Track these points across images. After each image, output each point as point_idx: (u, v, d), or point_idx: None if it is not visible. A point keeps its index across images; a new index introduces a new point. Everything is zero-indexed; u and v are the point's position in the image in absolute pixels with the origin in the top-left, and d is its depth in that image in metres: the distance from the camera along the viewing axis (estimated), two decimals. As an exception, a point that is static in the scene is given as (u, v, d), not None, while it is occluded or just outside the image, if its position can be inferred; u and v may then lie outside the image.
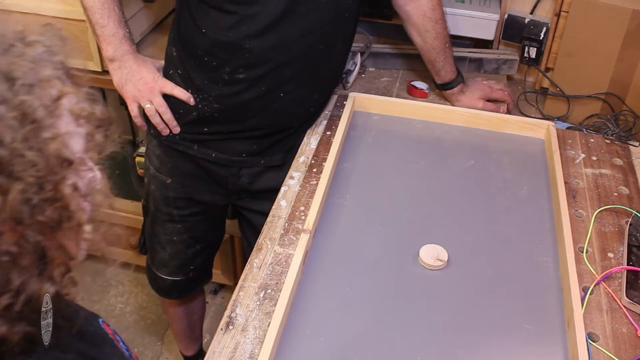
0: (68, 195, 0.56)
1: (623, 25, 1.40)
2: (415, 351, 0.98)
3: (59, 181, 0.55)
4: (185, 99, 1.33)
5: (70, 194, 0.56)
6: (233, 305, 1.04)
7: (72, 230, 0.58)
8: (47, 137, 0.55)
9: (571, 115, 1.55)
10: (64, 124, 0.57)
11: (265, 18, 1.21)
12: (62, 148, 0.55)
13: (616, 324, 1.02)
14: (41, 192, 0.54)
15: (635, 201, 1.26)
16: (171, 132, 1.37)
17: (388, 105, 1.48)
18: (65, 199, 0.56)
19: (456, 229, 1.19)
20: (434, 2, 1.40)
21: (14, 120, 0.53)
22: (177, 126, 1.36)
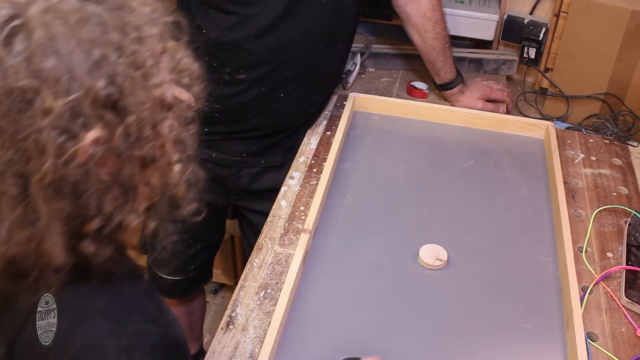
0: (165, 135, 0.63)
1: (622, 26, 1.40)
2: (414, 350, 0.98)
3: (159, 122, 0.62)
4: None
5: (167, 134, 0.63)
6: (233, 304, 1.04)
7: (162, 168, 0.64)
8: (152, 83, 0.61)
9: (570, 115, 1.55)
10: (167, 74, 0.64)
11: (266, 18, 1.22)
12: (165, 94, 0.62)
13: (615, 324, 1.02)
14: (143, 130, 0.61)
15: (634, 201, 1.26)
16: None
17: (388, 106, 1.48)
18: (162, 138, 0.63)
19: (456, 228, 1.19)
20: (434, 2, 1.40)
21: (126, 66, 0.59)
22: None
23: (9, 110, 0.56)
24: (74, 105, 0.56)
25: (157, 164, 0.64)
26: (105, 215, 0.62)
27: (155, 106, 0.62)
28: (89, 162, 0.59)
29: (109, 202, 0.61)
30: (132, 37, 0.61)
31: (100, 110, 0.58)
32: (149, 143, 0.62)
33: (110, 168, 0.61)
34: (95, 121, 0.58)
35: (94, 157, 0.59)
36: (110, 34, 0.60)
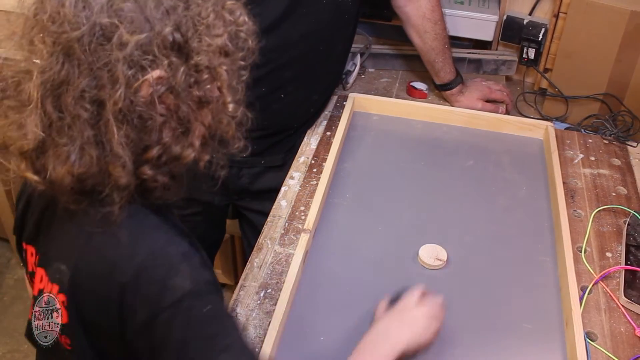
0: (223, 78, 0.70)
1: (621, 27, 1.40)
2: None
3: (217, 66, 0.69)
4: None
5: (224, 77, 0.70)
6: (234, 304, 1.04)
7: (216, 108, 0.72)
8: (214, 34, 0.69)
9: (570, 115, 1.55)
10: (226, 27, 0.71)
11: (266, 19, 1.21)
12: (225, 43, 0.70)
13: (614, 323, 1.02)
14: (202, 73, 0.68)
15: (633, 201, 1.26)
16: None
17: (388, 106, 1.48)
18: (219, 80, 0.70)
19: (455, 228, 1.19)
20: (433, 3, 1.40)
21: (191, 17, 0.67)
22: None
23: (90, 42, 0.63)
24: (145, 43, 0.64)
25: (213, 104, 0.71)
26: (164, 145, 0.68)
27: (215, 53, 0.69)
28: (153, 96, 0.66)
29: (167, 134, 0.68)
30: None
31: (166, 52, 0.65)
32: (207, 85, 0.69)
33: (170, 104, 0.68)
34: (162, 60, 0.65)
35: (157, 92, 0.66)
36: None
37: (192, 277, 0.69)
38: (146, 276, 0.68)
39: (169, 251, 0.70)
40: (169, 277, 0.68)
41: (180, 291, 0.68)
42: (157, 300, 0.68)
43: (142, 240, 0.70)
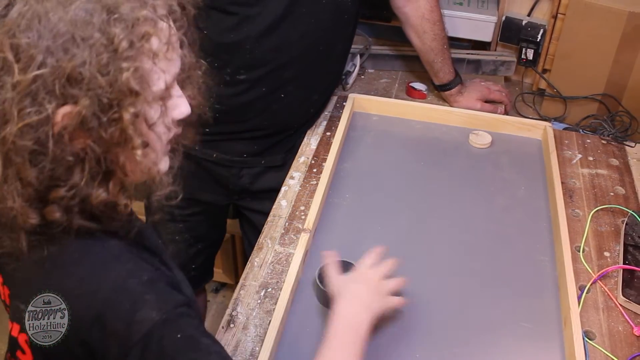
0: (127, 120, 0.63)
1: (619, 28, 1.40)
2: (413, 349, 0.98)
3: (122, 107, 0.63)
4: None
5: (129, 120, 0.63)
6: (234, 303, 1.04)
7: (128, 151, 0.66)
8: (122, 66, 0.62)
9: (568, 116, 1.55)
10: (145, 60, 0.64)
11: (266, 19, 1.21)
12: (133, 79, 0.63)
13: (612, 322, 1.02)
14: (106, 112, 0.62)
15: (631, 201, 1.26)
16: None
17: (387, 106, 1.48)
18: (124, 123, 0.63)
19: (454, 228, 1.19)
20: (432, 4, 1.40)
21: (99, 46, 0.61)
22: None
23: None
24: (42, 80, 0.60)
25: (122, 146, 0.65)
26: (72, 186, 0.64)
27: (119, 91, 0.63)
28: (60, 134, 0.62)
29: (78, 175, 0.64)
30: (114, 18, 0.63)
31: (67, 88, 0.61)
32: (113, 126, 0.64)
33: (79, 144, 0.64)
34: (61, 97, 0.61)
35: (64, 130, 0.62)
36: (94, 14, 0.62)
37: (158, 306, 0.67)
38: (111, 314, 0.66)
39: (130, 284, 0.67)
40: (134, 310, 0.66)
41: (149, 323, 0.65)
42: (125, 337, 0.65)
43: (102, 274, 0.68)
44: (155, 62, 0.66)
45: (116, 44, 0.62)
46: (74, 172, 0.64)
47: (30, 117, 0.60)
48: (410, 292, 1.07)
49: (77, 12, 0.61)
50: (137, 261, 0.70)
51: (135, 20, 0.64)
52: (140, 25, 0.64)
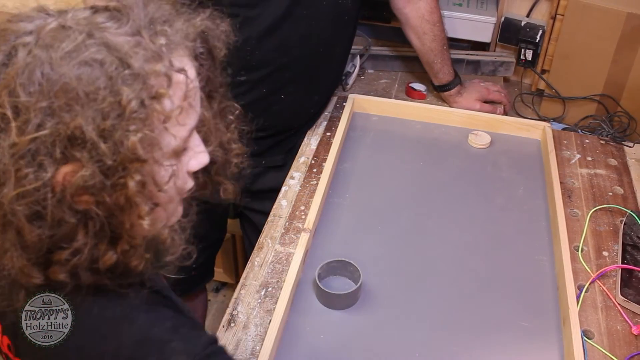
0: (132, 187, 0.58)
1: (618, 28, 1.40)
2: (413, 348, 0.98)
3: (128, 174, 0.58)
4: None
5: (134, 187, 0.58)
6: (235, 303, 1.04)
7: (134, 218, 0.61)
8: (130, 129, 0.57)
9: (567, 116, 1.55)
10: (155, 123, 0.59)
11: (267, 21, 1.22)
12: (140, 146, 0.57)
13: (611, 322, 1.02)
14: (110, 177, 0.58)
15: (629, 200, 1.26)
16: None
17: (387, 107, 1.48)
18: (129, 190, 0.58)
19: (454, 227, 1.19)
20: (432, 5, 1.40)
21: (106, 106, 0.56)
22: None
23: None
24: (40, 141, 0.55)
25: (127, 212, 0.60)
26: (77, 249, 0.60)
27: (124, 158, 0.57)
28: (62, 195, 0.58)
29: (81, 237, 0.60)
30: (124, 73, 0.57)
31: (68, 149, 0.56)
32: (117, 192, 0.59)
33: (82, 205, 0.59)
34: (62, 158, 0.56)
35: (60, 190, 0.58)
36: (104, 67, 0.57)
37: (187, 351, 0.64)
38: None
39: (155, 333, 0.64)
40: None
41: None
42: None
43: (124, 328, 0.64)
44: (167, 124, 0.60)
45: (124, 104, 0.56)
46: (77, 235, 0.60)
47: (28, 180, 0.56)
48: (409, 291, 1.07)
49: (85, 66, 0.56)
50: (156, 309, 0.67)
51: (147, 77, 0.58)
52: (153, 82, 0.58)
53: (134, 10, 0.61)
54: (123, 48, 0.58)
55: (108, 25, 0.59)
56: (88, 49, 0.57)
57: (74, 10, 0.61)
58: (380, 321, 1.02)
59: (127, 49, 0.58)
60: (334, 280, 1.08)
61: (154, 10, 0.63)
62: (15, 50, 0.57)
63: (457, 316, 1.03)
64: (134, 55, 0.58)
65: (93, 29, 0.58)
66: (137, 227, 0.61)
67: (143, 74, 0.58)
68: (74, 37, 0.57)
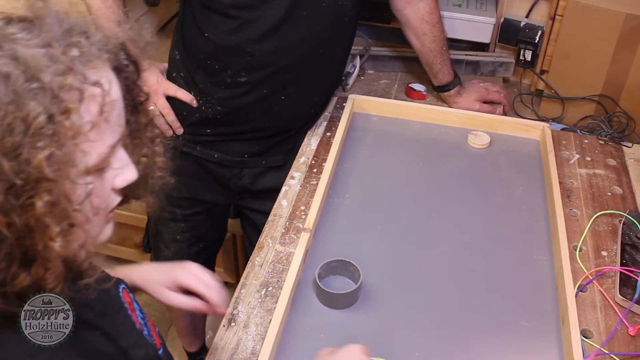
0: (40, 208, 0.54)
1: (616, 29, 1.40)
2: (413, 346, 0.98)
3: (35, 194, 0.54)
4: (188, 101, 1.33)
5: (42, 208, 0.54)
6: (235, 302, 1.04)
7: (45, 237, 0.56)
8: (36, 146, 0.53)
9: (566, 116, 1.55)
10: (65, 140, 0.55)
11: (267, 22, 1.22)
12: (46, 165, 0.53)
13: (609, 321, 1.02)
14: (18, 197, 0.54)
15: (628, 200, 1.26)
16: (175, 133, 1.37)
17: (387, 107, 1.48)
18: (37, 211, 0.54)
19: (453, 227, 1.19)
20: (432, 5, 1.40)
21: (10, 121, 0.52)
22: (180, 127, 1.36)
23: None
24: None
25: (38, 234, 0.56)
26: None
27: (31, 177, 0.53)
28: None
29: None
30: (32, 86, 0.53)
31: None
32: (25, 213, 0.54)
33: None
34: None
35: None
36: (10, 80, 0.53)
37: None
38: None
39: None
40: None
41: None
42: None
43: None
44: (77, 140, 0.56)
45: (30, 120, 0.52)
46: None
47: None
48: (409, 290, 1.08)
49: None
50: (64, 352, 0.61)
51: (57, 91, 0.54)
52: (63, 97, 0.55)
53: (48, 22, 0.58)
54: (32, 61, 0.54)
55: (19, 36, 0.56)
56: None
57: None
58: (380, 320, 1.02)
59: (37, 62, 0.54)
60: (334, 280, 1.08)
61: (71, 22, 0.60)
62: None
63: (456, 315, 1.03)
64: (44, 68, 0.54)
65: (3, 40, 0.55)
66: (49, 249, 0.57)
67: (52, 87, 0.54)
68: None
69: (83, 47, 0.58)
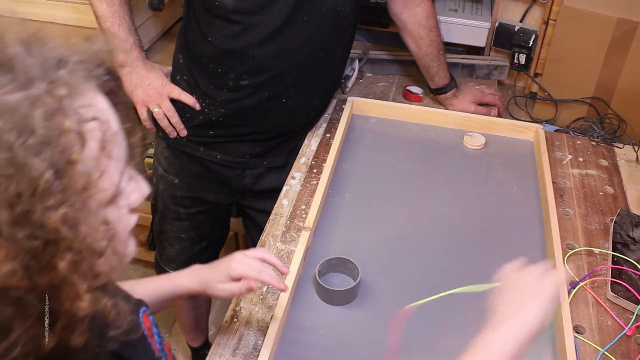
0: (63, 269, 0.49)
1: (608, 33, 1.40)
2: (410, 342, 0.98)
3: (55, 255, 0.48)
4: (191, 104, 1.33)
5: (65, 268, 0.49)
6: (237, 299, 1.04)
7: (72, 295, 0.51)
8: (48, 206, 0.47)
9: (559, 118, 1.55)
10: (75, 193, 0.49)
11: (268, 27, 1.22)
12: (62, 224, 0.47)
13: (601, 317, 1.02)
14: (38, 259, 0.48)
15: (619, 200, 1.26)
16: (178, 134, 1.37)
17: (385, 109, 1.48)
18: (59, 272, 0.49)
19: (449, 226, 1.19)
20: (429, 10, 1.40)
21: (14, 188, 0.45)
22: (184, 129, 1.36)
23: None
24: None
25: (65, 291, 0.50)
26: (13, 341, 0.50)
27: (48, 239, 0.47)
28: None
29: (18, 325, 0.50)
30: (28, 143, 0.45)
31: None
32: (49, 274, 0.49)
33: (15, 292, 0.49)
34: None
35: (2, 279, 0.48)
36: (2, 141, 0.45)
37: None
38: None
39: None
40: None
41: None
42: None
43: None
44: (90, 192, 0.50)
45: (35, 179, 0.46)
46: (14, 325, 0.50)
47: None
48: (405, 287, 1.08)
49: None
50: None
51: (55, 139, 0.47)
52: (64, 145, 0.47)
53: (18, 59, 0.49)
54: (18, 110, 0.46)
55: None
56: None
57: None
58: (378, 316, 1.02)
59: (24, 110, 0.46)
60: (333, 277, 1.08)
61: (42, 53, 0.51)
62: None
63: (452, 312, 1.03)
64: (34, 116, 0.46)
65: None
66: (77, 308, 0.51)
67: (50, 138, 0.46)
68: None
69: (66, 79, 0.50)
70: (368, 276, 1.08)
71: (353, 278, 1.06)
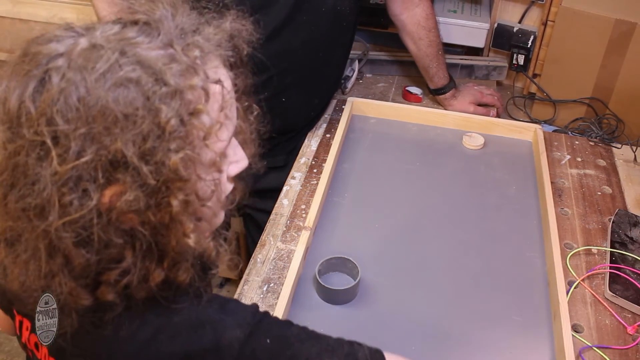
0: (176, 207, 0.56)
1: (606, 34, 1.40)
2: (409, 341, 0.98)
3: (171, 193, 0.55)
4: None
5: (178, 206, 0.56)
6: (238, 298, 1.04)
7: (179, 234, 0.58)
8: (170, 148, 0.54)
9: (557, 118, 1.55)
10: (195, 140, 0.56)
11: (268, 26, 1.21)
12: (181, 165, 0.55)
13: (600, 316, 1.02)
14: (153, 196, 0.55)
15: (617, 200, 1.26)
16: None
17: (384, 109, 1.48)
18: (173, 209, 0.56)
19: (448, 225, 1.19)
20: (428, 11, 1.40)
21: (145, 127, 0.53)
22: None
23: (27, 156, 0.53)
24: (83, 167, 0.53)
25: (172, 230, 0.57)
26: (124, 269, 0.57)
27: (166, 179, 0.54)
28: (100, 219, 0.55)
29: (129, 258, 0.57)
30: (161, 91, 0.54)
31: (110, 172, 0.54)
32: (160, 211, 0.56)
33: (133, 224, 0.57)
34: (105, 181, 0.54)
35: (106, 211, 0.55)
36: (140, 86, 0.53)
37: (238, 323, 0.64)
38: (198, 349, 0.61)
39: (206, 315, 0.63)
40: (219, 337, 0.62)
41: (237, 343, 0.62)
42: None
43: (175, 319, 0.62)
44: (208, 141, 0.57)
45: (163, 124, 0.53)
46: (125, 255, 0.57)
47: (73, 208, 0.53)
48: (405, 287, 1.08)
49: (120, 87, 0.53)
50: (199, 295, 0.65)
51: (184, 92, 0.55)
52: (190, 98, 0.55)
53: (164, 22, 0.58)
54: (157, 64, 0.54)
55: (139, 40, 0.56)
56: (122, 68, 0.53)
57: (102, 26, 0.57)
58: (378, 316, 1.02)
59: (161, 65, 0.54)
60: (333, 277, 1.08)
61: (183, 20, 0.60)
62: (48, 75, 0.53)
63: (451, 311, 1.03)
64: (168, 70, 0.54)
65: (125, 45, 0.55)
66: (183, 244, 0.58)
67: (180, 90, 0.55)
68: (107, 57, 0.53)
69: (201, 45, 0.59)
70: (368, 276, 1.07)
71: (353, 277, 1.06)
